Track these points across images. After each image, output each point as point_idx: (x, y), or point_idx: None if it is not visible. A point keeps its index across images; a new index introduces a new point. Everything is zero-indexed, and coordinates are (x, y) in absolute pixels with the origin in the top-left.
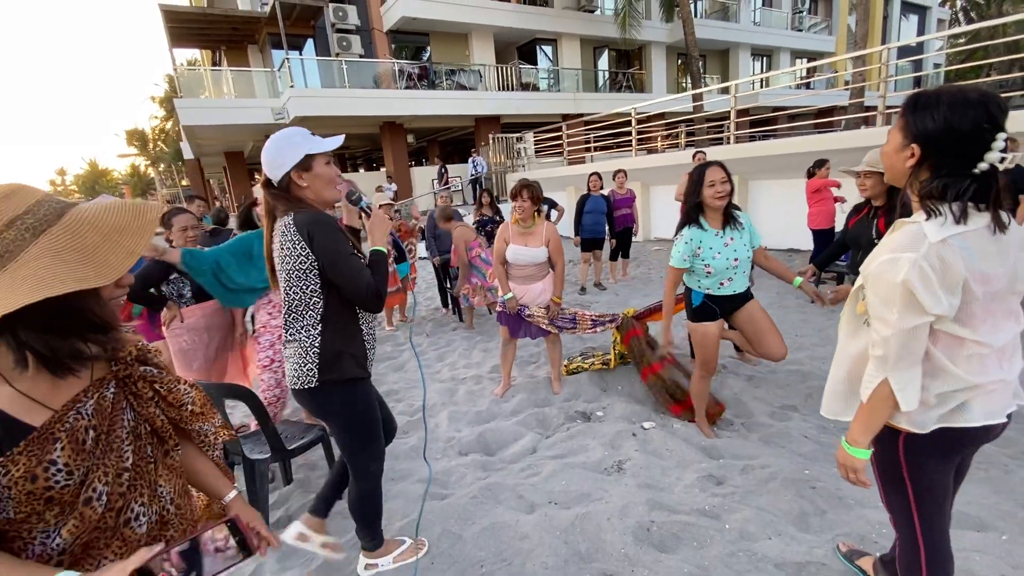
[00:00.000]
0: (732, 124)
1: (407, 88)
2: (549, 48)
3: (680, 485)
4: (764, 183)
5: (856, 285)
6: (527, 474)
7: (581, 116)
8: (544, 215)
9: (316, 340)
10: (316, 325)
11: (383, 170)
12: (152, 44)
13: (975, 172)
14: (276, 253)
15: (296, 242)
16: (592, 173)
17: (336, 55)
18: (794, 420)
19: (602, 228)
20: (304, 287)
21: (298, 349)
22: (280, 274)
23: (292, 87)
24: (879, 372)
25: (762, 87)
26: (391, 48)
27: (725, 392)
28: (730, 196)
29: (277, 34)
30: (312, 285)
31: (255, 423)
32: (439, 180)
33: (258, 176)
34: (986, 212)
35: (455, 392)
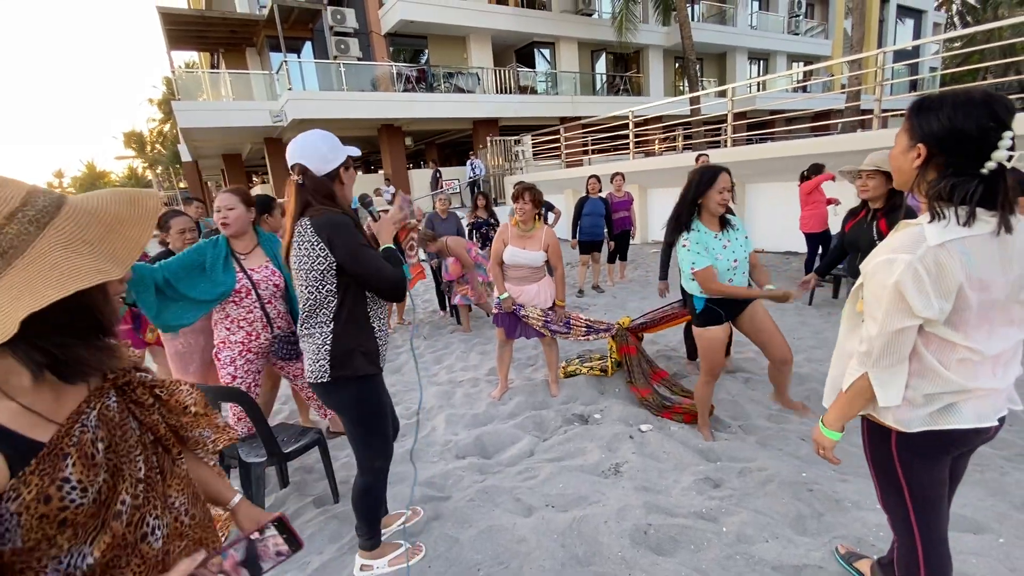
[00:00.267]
0: (729, 127)
1: (405, 91)
2: (547, 51)
3: (677, 488)
4: (761, 186)
5: (856, 284)
6: (524, 477)
7: (579, 119)
8: (543, 219)
9: (328, 338)
10: (329, 323)
11: (381, 172)
12: (150, 46)
13: (983, 172)
14: (292, 254)
15: (314, 243)
16: (590, 176)
17: (334, 58)
18: (791, 423)
19: (600, 230)
20: (320, 287)
21: (312, 345)
22: (297, 274)
23: (290, 90)
24: (861, 367)
25: (759, 90)
26: (389, 51)
27: (722, 394)
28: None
29: (275, 37)
30: (328, 285)
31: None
32: (434, 184)
33: (256, 178)
34: (994, 216)
35: (452, 395)
